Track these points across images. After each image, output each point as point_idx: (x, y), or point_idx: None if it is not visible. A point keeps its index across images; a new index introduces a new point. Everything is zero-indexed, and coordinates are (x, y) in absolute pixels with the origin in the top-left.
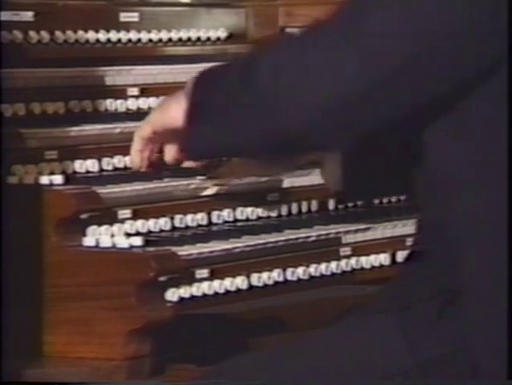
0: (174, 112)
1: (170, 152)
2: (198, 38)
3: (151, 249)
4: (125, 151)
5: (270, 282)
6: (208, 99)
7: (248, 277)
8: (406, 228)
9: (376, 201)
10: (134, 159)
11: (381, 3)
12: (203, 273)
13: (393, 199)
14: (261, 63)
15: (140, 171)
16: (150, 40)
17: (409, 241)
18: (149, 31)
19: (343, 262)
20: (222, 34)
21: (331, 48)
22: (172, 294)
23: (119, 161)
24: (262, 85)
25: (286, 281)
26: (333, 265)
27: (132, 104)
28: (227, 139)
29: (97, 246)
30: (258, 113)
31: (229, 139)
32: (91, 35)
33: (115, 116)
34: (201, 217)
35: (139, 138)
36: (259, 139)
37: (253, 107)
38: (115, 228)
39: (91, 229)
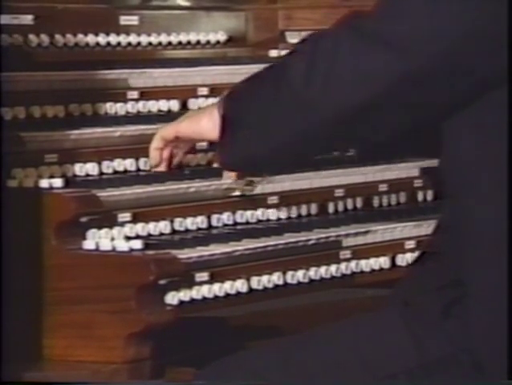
0: (205, 125)
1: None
2: (198, 42)
3: (151, 252)
4: (125, 154)
5: (270, 286)
6: (241, 109)
7: (248, 280)
8: (405, 231)
9: (376, 204)
10: (152, 155)
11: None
12: (203, 276)
13: (393, 202)
14: (292, 63)
15: (158, 170)
16: (150, 43)
17: (409, 244)
18: (149, 35)
19: (342, 265)
20: (222, 37)
21: (361, 47)
22: (172, 298)
23: (119, 164)
24: (294, 83)
25: (286, 284)
26: (333, 268)
27: (131, 107)
28: (261, 146)
29: (97, 249)
30: (291, 113)
31: (263, 146)
32: (90, 39)
33: (115, 119)
34: (200, 220)
35: (160, 137)
36: (292, 141)
37: (286, 107)
38: (115, 231)
39: (91, 233)
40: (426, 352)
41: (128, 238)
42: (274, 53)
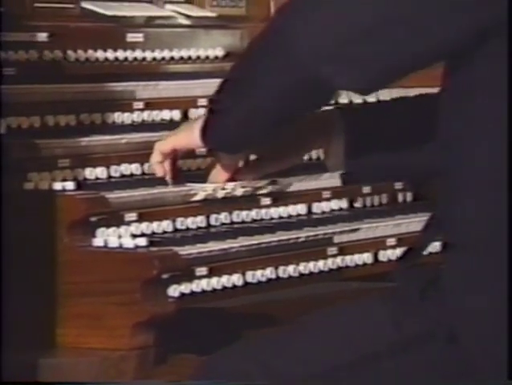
0: (197, 133)
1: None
2: (198, 57)
3: (154, 249)
4: (131, 159)
5: (264, 279)
6: (222, 99)
7: (243, 274)
8: (387, 229)
9: (360, 205)
10: (155, 169)
11: None
12: (202, 270)
13: (375, 202)
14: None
15: (166, 179)
16: (154, 58)
17: (390, 242)
18: (153, 50)
19: (330, 261)
20: (220, 52)
21: None
22: (174, 290)
23: (125, 169)
24: (274, 29)
25: (278, 278)
26: (321, 263)
27: (137, 117)
28: (254, 114)
29: (105, 246)
30: (276, 66)
31: (254, 113)
32: (100, 54)
33: (122, 128)
34: (200, 220)
35: (157, 151)
36: (282, 95)
37: (271, 61)
38: (122, 229)
39: (100, 231)
40: (405, 329)
41: (134, 236)
42: None
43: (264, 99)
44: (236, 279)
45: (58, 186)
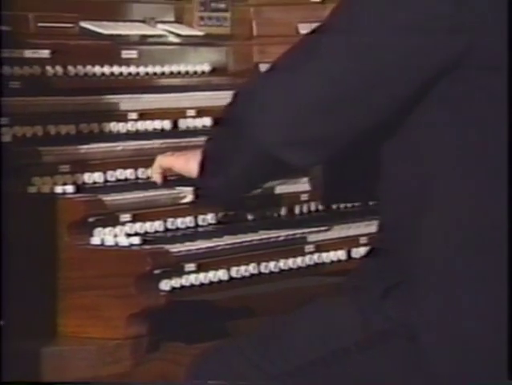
0: (192, 167)
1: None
2: (187, 72)
3: (147, 247)
4: (126, 165)
5: (247, 274)
6: (213, 153)
7: (228, 270)
8: (359, 229)
9: (335, 206)
10: (155, 177)
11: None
12: (191, 266)
13: (349, 205)
14: (236, 99)
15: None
16: (147, 73)
17: (362, 240)
18: (146, 66)
19: (307, 258)
20: (206, 68)
21: (292, 69)
22: (165, 285)
23: (121, 174)
24: (238, 114)
25: (260, 273)
26: (299, 260)
27: (131, 127)
28: (233, 181)
29: (102, 245)
30: (241, 143)
31: (233, 181)
32: (97, 69)
33: (118, 136)
34: (189, 220)
35: (159, 166)
36: (251, 169)
37: (237, 139)
38: (118, 229)
39: (97, 231)
40: (370, 327)
41: (129, 235)
42: None
43: (234, 173)
44: (222, 274)
45: (59, 189)
